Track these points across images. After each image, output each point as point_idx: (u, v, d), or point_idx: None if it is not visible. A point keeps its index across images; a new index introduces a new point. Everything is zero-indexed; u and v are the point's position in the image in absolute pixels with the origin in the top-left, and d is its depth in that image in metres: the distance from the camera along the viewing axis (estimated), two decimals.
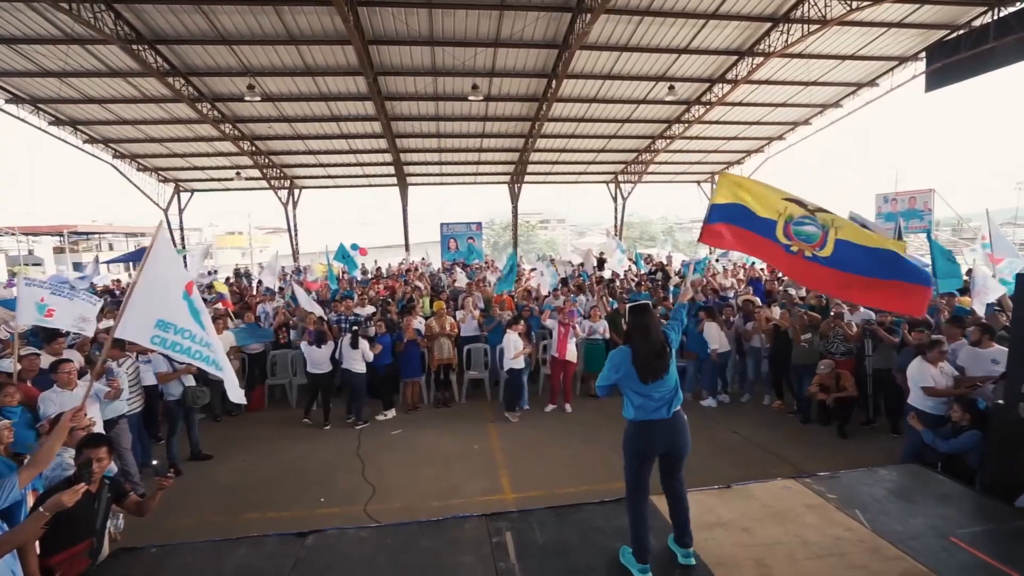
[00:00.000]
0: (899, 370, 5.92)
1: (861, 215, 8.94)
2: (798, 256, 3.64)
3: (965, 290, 7.76)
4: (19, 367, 4.88)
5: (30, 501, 3.00)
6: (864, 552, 3.16)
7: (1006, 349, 5.09)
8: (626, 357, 2.96)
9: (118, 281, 17.43)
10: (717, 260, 15.96)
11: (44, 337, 5.95)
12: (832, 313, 7.05)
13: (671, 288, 11.43)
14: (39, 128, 16.94)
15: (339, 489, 5.41)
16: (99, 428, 4.26)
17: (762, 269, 13.27)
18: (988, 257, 7.63)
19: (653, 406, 2.93)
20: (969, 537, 3.25)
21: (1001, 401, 4.03)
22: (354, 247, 15.62)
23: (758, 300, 8.62)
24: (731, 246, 4.02)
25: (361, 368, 7.16)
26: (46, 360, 5.29)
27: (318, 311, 8.52)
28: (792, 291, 8.86)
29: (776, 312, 7.88)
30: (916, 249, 16.42)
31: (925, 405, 4.92)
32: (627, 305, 3.14)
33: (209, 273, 17.36)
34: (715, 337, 7.58)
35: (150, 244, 3.31)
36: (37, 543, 2.75)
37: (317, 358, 7.18)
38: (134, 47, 12.22)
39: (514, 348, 7.16)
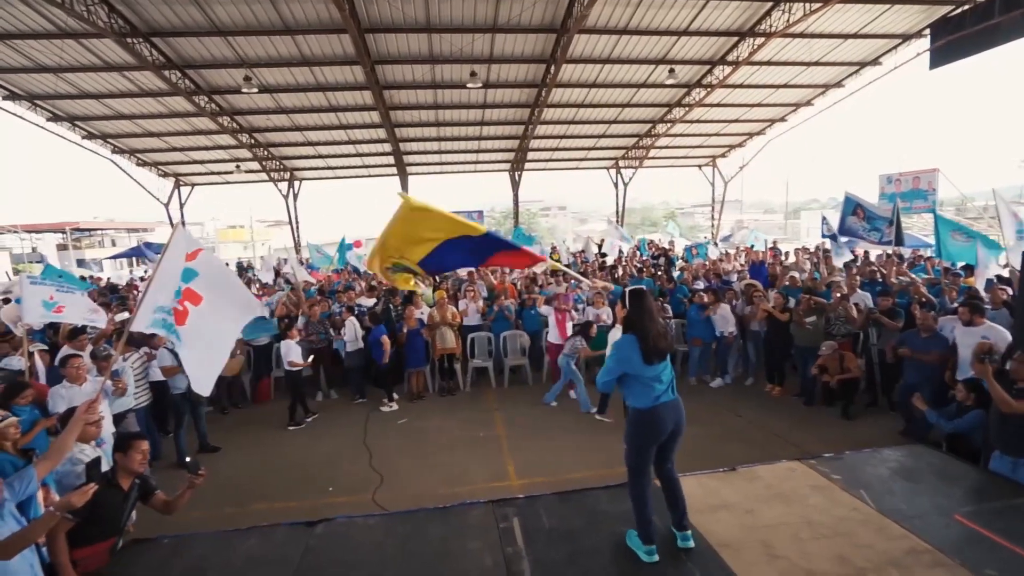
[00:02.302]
0: (895, 347, 5.88)
1: (856, 195, 8.81)
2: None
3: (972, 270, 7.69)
4: (28, 364, 4.93)
5: (40, 496, 3.04)
6: (869, 531, 3.18)
7: (995, 325, 5.11)
8: (633, 344, 2.92)
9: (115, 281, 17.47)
10: (720, 242, 15.87)
11: (66, 334, 5.96)
12: (836, 296, 7.02)
13: (674, 273, 11.39)
14: (37, 125, 16.82)
15: (347, 478, 5.47)
16: (108, 423, 4.30)
17: (765, 253, 13.20)
18: (999, 239, 7.53)
19: (663, 388, 2.95)
20: (973, 515, 3.27)
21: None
22: (348, 247, 15.35)
23: (759, 284, 8.59)
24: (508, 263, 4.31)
25: (361, 346, 7.73)
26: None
27: (304, 276, 8.65)
28: (796, 275, 8.80)
29: (771, 296, 7.85)
30: (920, 230, 16.26)
31: None
32: (626, 290, 3.10)
33: None
34: (729, 319, 7.68)
35: (166, 244, 3.30)
36: (64, 537, 2.78)
37: (289, 353, 6.93)
38: (129, 40, 12.11)
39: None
